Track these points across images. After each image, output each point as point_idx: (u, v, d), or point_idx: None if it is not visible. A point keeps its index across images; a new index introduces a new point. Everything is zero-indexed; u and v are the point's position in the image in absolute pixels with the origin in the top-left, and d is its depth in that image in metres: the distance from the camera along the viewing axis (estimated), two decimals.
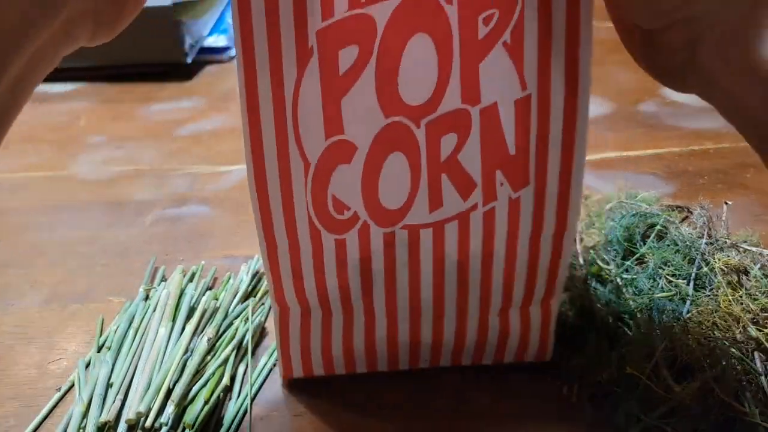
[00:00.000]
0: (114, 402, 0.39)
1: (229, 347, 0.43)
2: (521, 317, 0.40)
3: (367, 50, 0.32)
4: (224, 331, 0.44)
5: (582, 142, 0.34)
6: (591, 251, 0.46)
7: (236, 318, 0.45)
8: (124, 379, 0.40)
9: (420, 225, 0.36)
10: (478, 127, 0.34)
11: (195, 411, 0.38)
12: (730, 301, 0.39)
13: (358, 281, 0.37)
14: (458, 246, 0.36)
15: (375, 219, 0.35)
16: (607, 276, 0.44)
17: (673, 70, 0.33)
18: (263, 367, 0.43)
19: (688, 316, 0.40)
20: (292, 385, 0.42)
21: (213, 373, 0.40)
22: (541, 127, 0.34)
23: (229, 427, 0.38)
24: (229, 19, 1.08)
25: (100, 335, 0.46)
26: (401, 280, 0.37)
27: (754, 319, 0.38)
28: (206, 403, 0.39)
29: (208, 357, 0.42)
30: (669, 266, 0.44)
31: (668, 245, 0.46)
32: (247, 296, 0.48)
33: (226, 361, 0.42)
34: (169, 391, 0.39)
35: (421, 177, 0.34)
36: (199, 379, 0.40)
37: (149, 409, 0.38)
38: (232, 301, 0.47)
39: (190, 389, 0.39)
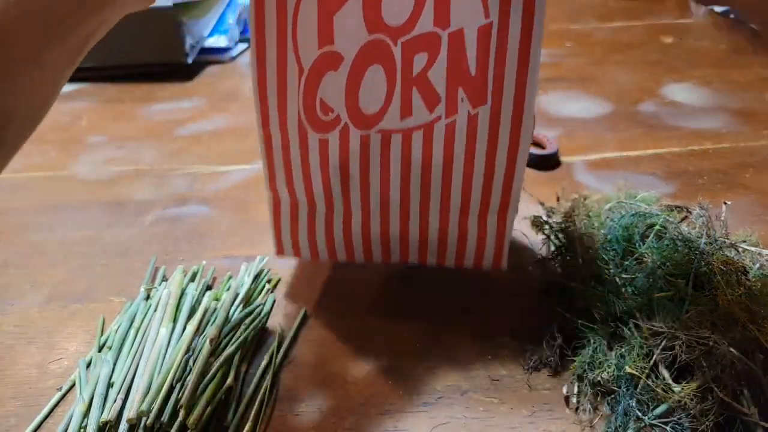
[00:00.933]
0: (115, 401, 0.39)
1: (232, 348, 0.43)
2: (479, 224, 0.46)
3: None
4: (226, 332, 0.44)
5: (535, 69, 0.39)
6: (590, 251, 0.46)
7: (238, 318, 0.46)
8: (125, 379, 0.40)
9: (392, 130, 0.42)
10: (446, 49, 0.39)
11: (198, 411, 0.38)
12: (729, 300, 0.39)
13: (338, 180, 0.44)
14: (423, 152, 0.42)
15: (354, 122, 0.42)
16: (606, 276, 0.44)
17: None
18: (266, 366, 0.43)
19: (687, 315, 0.40)
20: (293, 384, 0.42)
21: (215, 374, 0.40)
22: (499, 53, 0.39)
23: (231, 427, 0.39)
24: (229, 20, 1.08)
25: (101, 335, 0.46)
26: (374, 179, 0.44)
27: (753, 318, 0.38)
28: (209, 403, 0.39)
29: (211, 358, 0.42)
30: (668, 266, 0.44)
31: (667, 245, 0.46)
32: (247, 296, 0.48)
33: (229, 361, 0.42)
34: (171, 391, 0.39)
35: (395, 88, 0.40)
36: (202, 379, 0.40)
37: (150, 409, 0.38)
38: (233, 302, 0.47)
39: (194, 390, 0.39)
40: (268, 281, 0.51)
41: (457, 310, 0.48)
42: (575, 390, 0.40)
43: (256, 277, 0.51)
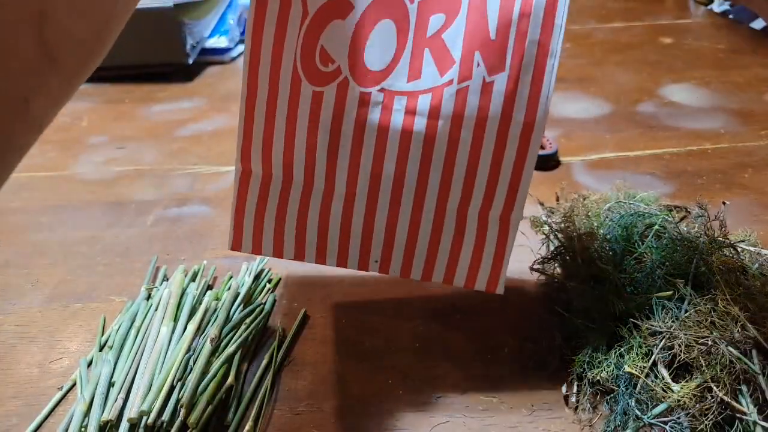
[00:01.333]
0: (116, 401, 0.39)
1: (233, 347, 0.43)
2: (478, 225, 0.40)
3: None
4: (227, 332, 0.45)
5: (558, 36, 0.37)
6: (590, 251, 0.47)
7: (238, 318, 0.46)
8: (125, 378, 0.41)
9: (396, 92, 0.38)
10: (465, 11, 0.37)
11: (198, 410, 0.38)
12: (728, 300, 0.39)
13: (326, 143, 0.39)
14: (428, 119, 0.38)
15: (355, 76, 0.38)
16: (605, 275, 0.45)
17: None
18: (266, 366, 0.43)
19: (686, 315, 0.40)
20: (293, 383, 0.42)
21: (216, 373, 0.41)
22: (521, 21, 0.36)
23: (231, 426, 0.39)
24: (230, 21, 1.08)
25: (102, 334, 0.46)
26: (368, 146, 0.39)
27: (752, 318, 0.39)
28: (209, 402, 0.39)
29: (212, 357, 0.42)
30: (667, 266, 0.44)
31: (667, 245, 0.46)
32: (248, 296, 0.49)
33: (229, 360, 0.42)
34: (171, 390, 0.39)
35: (406, 47, 0.38)
36: (203, 378, 0.40)
37: (151, 408, 0.38)
38: (233, 301, 0.47)
39: (195, 389, 0.39)
40: (269, 281, 0.51)
41: (457, 309, 0.48)
42: (575, 389, 0.40)
43: (257, 276, 0.51)
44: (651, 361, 0.38)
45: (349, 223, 0.41)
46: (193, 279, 0.50)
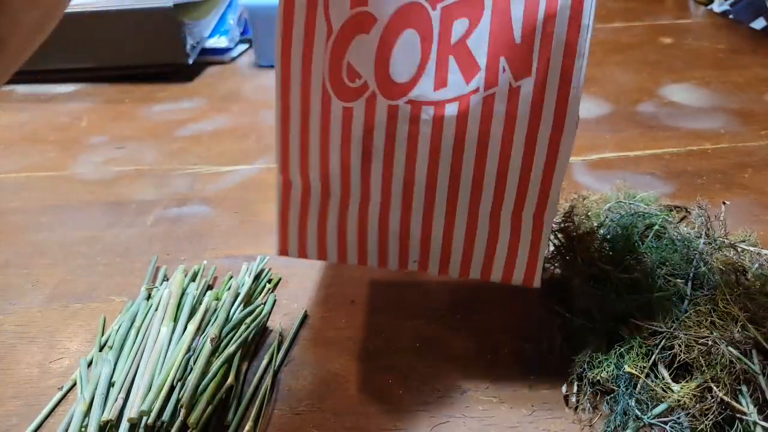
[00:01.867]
0: (116, 401, 0.39)
1: (233, 347, 0.43)
2: (512, 225, 0.41)
3: None
4: (227, 332, 0.45)
5: (586, 34, 0.36)
6: (590, 251, 0.47)
7: (238, 318, 0.46)
8: (126, 378, 0.41)
9: (423, 102, 0.38)
10: (489, 15, 0.37)
11: (198, 410, 0.38)
12: (728, 300, 0.39)
13: (359, 156, 0.40)
14: (456, 128, 0.38)
15: (383, 90, 0.38)
16: (605, 275, 0.45)
17: None
18: (266, 365, 0.43)
19: (686, 315, 0.40)
20: (293, 383, 0.42)
21: (216, 373, 0.41)
22: (547, 23, 0.36)
23: (231, 426, 0.39)
24: (230, 21, 1.08)
25: (102, 334, 0.46)
26: (399, 156, 0.40)
27: (751, 318, 0.39)
28: (209, 402, 0.39)
29: (212, 357, 0.42)
30: (667, 266, 0.44)
31: (666, 245, 0.46)
32: (248, 296, 0.49)
33: (229, 360, 0.42)
34: (171, 390, 0.39)
35: (431, 56, 0.38)
36: (203, 378, 0.40)
37: (151, 408, 0.38)
38: (233, 302, 0.47)
39: (195, 389, 0.39)
40: (269, 281, 0.51)
41: (458, 309, 0.48)
42: (575, 389, 0.40)
43: (257, 277, 0.51)
44: (651, 361, 0.38)
45: (386, 227, 0.42)
46: (193, 279, 0.50)
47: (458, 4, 0.37)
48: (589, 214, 0.51)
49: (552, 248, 0.51)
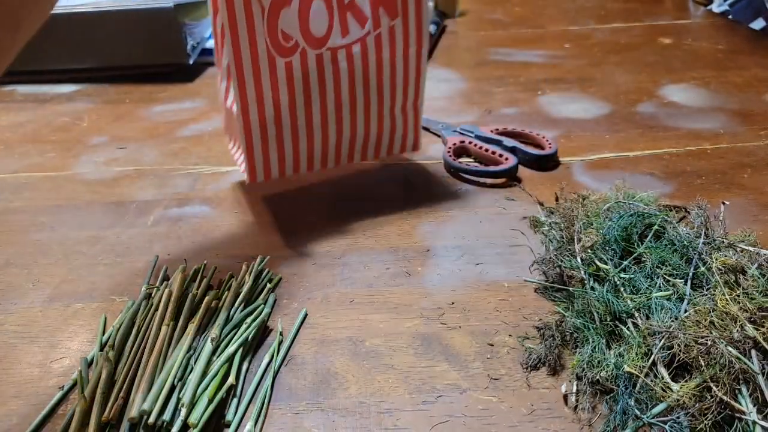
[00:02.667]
0: (117, 400, 0.39)
1: (233, 347, 0.43)
2: (403, 115, 0.63)
3: None
4: (228, 331, 0.45)
5: None
6: (589, 251, 0.47)
7: (239, 318, 0.46)
8: (126, 378, 0.41)
9: (337, 47, 0.56)
10: None
11: (199, 410, 0.38)
12: (727, 300, 0.39)
13: (301, 91, 0.56)
14: (362, 59, 0.58)
15: (309, 44, 0.55)
16: (605, 275, 0.45)
17: None
18: (266, 365, 0.43)
19: (685, 315, 0.40)
20: (293, 383, 0.42)
21: (217, 372, 0.41)
22: None
23: (231, 426, 0.39)
24: None
25: (103, 334, 0.46)
26: (329, 88, 0.58)
27: (751, 318, 0.39)
28: (210, 402, 0.39)
29: (213, 357, 0.42)
30: (666, 266, 0.44)
31: (666, 245, 0.46)
32: (248, 296, 0.49)
33: (230, 360, 0.42)
34: (172, 390, 0.39)
35: (334, 16, 0.55)
36: (203, 378, 0.40)
37: (152, 408, 0.38)
38: (234, 301, 0.47)
39: (196, 388, 0.39)
40: (269, 281, 0.51)
41: (457, 309, 0.48)
42: (574, 389, 0.40)
43: (257, 276, 0.51)
44: (650, 360, 0.38)
45: (327, 137, 0.60)
46: (193, 279, 0.51)
47: None
48: (588, 214, 0.51)
49: (552, 248, 0.51)
